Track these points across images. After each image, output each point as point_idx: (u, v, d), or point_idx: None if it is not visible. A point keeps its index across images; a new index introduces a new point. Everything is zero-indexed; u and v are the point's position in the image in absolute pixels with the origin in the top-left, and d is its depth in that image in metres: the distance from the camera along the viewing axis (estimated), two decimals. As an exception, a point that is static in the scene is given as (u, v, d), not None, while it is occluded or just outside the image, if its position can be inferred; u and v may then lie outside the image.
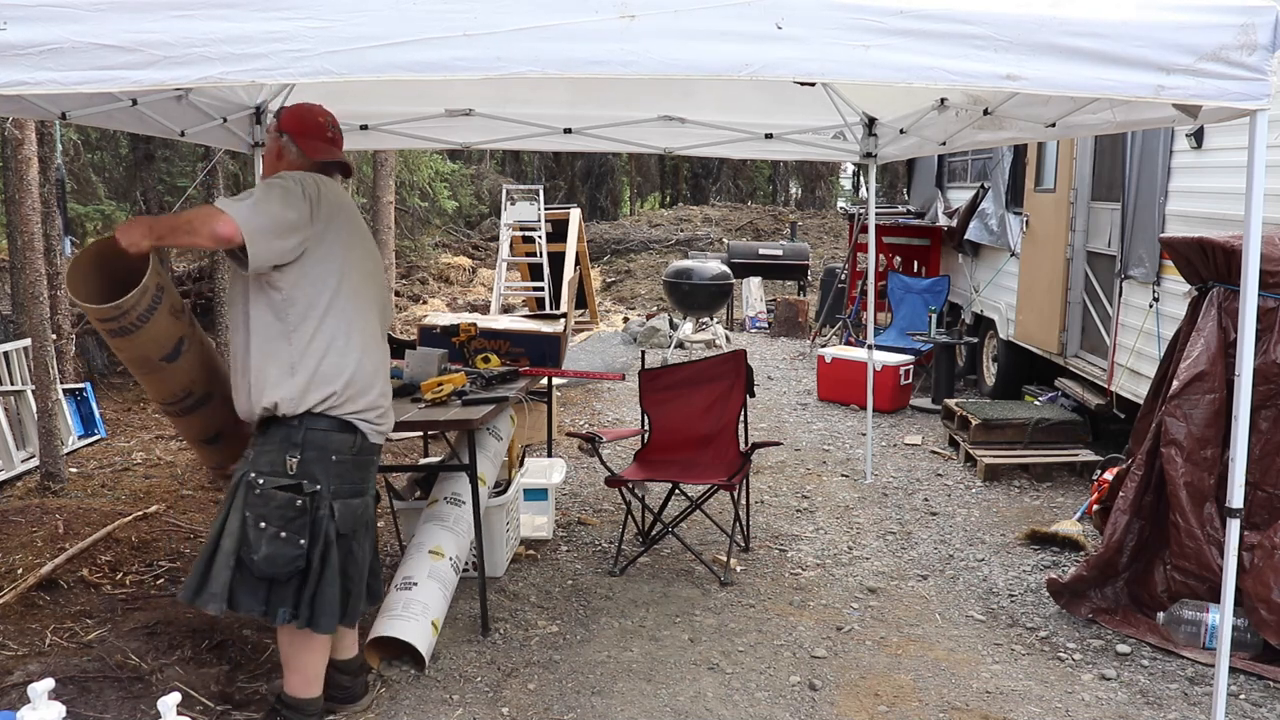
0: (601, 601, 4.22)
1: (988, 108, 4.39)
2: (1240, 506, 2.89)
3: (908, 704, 3.38)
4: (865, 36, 2.46)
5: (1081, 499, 5.54)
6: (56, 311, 7.06)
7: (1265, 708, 3.38)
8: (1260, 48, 2.58)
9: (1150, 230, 5.53)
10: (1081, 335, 6.74)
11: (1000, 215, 8.11)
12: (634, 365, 9.29)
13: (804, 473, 6.27)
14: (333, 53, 2.34)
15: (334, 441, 2.93)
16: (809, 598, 4.29)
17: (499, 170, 23.10)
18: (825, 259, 17.03)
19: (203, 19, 2.30)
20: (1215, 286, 4.00)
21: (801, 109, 5.43)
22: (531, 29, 2.38)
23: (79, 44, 2.28)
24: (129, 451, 6.61)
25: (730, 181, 29.52)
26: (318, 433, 2.89)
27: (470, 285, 16.87)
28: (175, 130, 4.74)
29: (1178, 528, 3.88)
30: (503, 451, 4.54)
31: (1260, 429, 3.76)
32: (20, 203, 5.62)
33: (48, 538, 4.67)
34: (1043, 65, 2.55)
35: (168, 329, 2.94)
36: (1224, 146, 4.87)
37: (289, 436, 2.88)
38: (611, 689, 3.45)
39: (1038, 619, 4.07)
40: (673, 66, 2.44)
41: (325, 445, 2.91)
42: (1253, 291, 2.79)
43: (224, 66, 2.33)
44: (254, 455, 2.91)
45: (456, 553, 3.85)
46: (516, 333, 4.85)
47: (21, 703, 2.38)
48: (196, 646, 3.66)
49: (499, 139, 5.86)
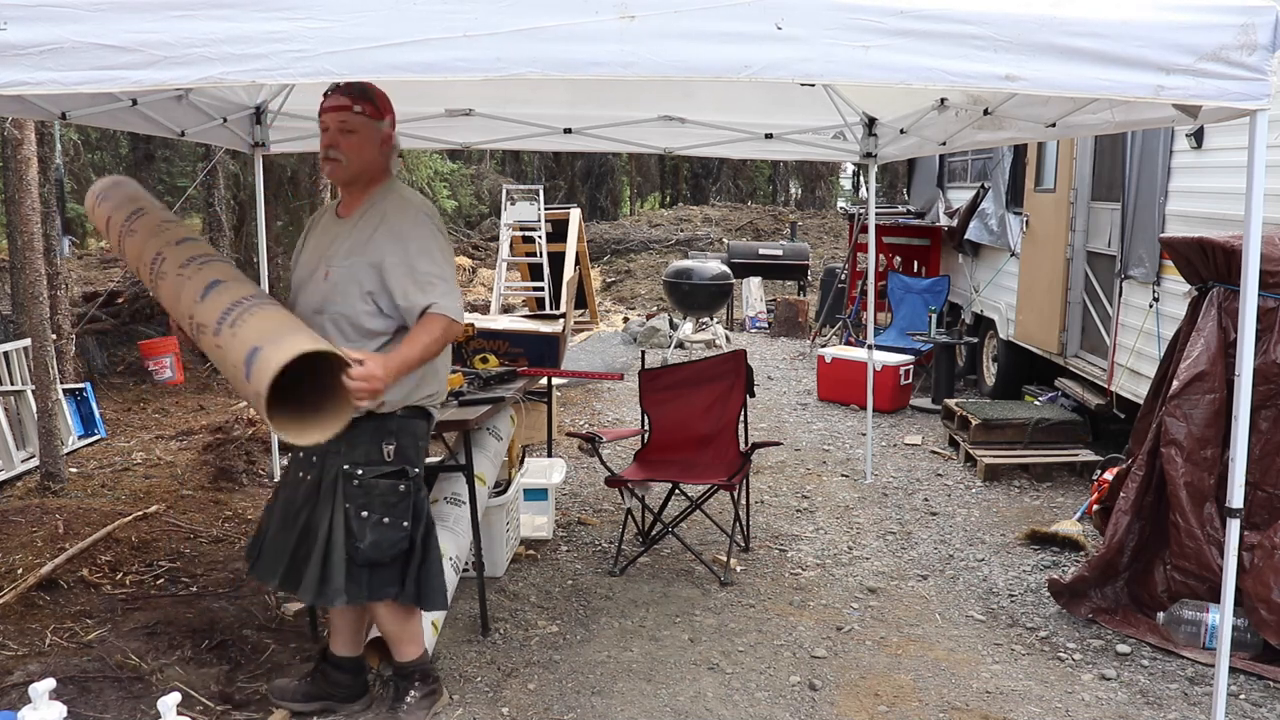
0: (601, 601, 4.22)
1: (988, 108, 4.39)
2: (1240, 506, 2.89)
3: (908, 704, 3.38)
4: (865, 37, 2.46)
5: (1081, 499, 5.54)
6: (56, 311, 7.06)
7: (1265, 708, 3.38)
8: (1260, 48, 2.58)
9: (1150, 230, 5.53)
10: (1081, 335, 6.74)
11: (1000, 215, 8.11)
12: (634, 365, 9.29)
13: (804, 473, 6.27)
14: (333, 53, 2.34)
15: (419, 427, 3.06)
16: (809, 598, 4.29)
17: (499, 170, 23.10)
18: (825, 259, 17.03)
19: (203, 19, 2.30)
20: (1215, 286, 4.00)
21: (801, 109, 5.43)
22: (531, 29, 2.38)
23: (79, 44, 2.28)
24: (129, 451, 6.60)
25: (730, 181, 29.53)
26: (407, 420, 3.00)
27: (470, 285, 16.87)
28: (175, 130, 4.75)
29: (1178, 528, 3.88)
30: (502, 451, 4.54)
31: (1260, 429, 3.76)
32: (20, 203, 5.62)
33: (48, 538, 4.67)
34: (1042, 65, 2.55)
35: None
36: (1224, 146, 4.87)
37: (383, 426, 2.94)
38: (611, 689, 3.45)
39: (1038, 619, 4.07)
40: (673, 67, 2.44)
41: (414, 431, 3.03)
42: (1253, 291, 2.79)
43: (224, 67, 2.33)
44: (344, 449, 2.90)
45: (456, 553, 3.85)
46: (515, 333, 4.85)
47: (22, 703, 2.39)
48: (196, 646, 3.66)
49: (499, 139, 5.86)
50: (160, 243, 2.98)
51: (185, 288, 2.83)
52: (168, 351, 8.99)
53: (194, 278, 2.84)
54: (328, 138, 2.93)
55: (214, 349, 2.72)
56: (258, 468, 6.04)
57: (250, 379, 2.51)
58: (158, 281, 2.93)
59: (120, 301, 10.51)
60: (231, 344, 2.61)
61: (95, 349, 9.06)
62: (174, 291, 2.86)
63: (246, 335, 2.59)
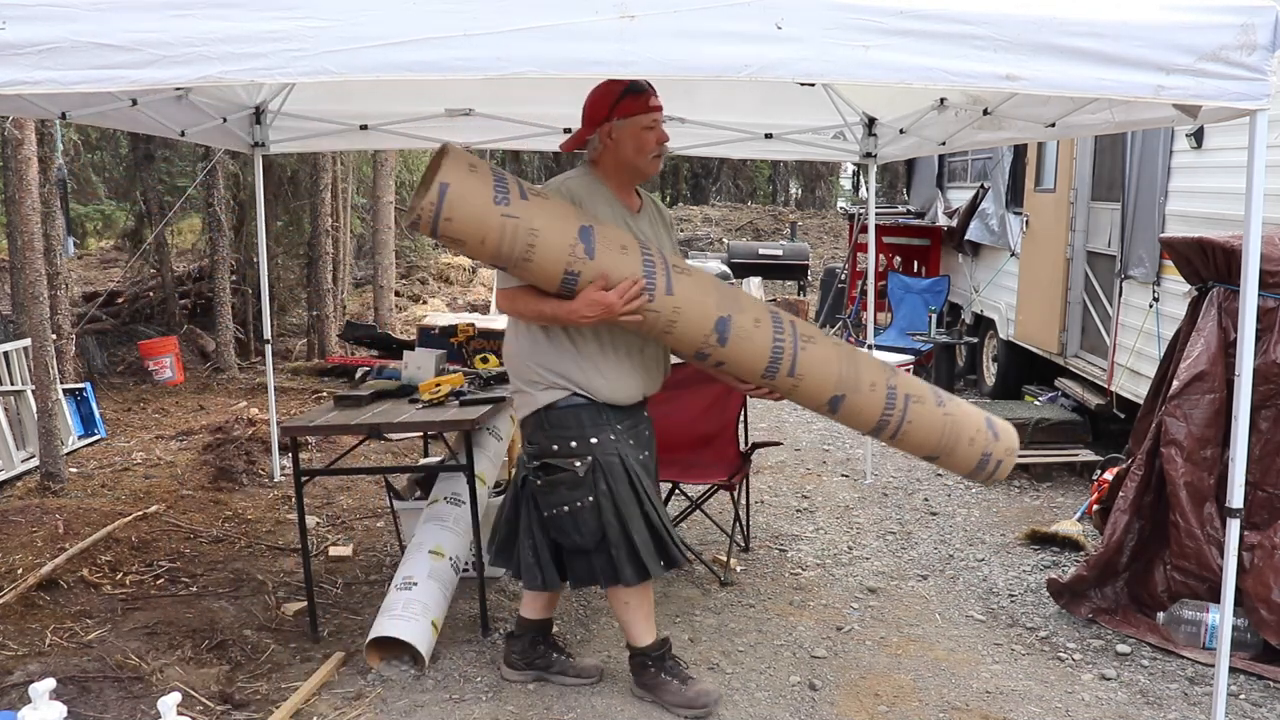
0: (601, 601, 4.22)
1: (987, 108, 4.39)
2: (1240, 506, 2.88)
3: (908, 704, 3.38)
4: (865, 37, 2.46)
5: (1081, 499, 5.54)
6: (56, 311, 7.06)
7: (1265, 708, 3.38)
8: (1260, 48, 2.58)
9: (1150, 230, 5.53)
10: (1081, 335, 6.74)
11: (1000, 215, 8.11)
12: (634, 365, 9.27)
13: (804, 473, 6.27)
14: (332, 52, 2.34)
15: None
16: (809, 598, 4.29)
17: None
18: (825, 259, 17.03)
19: (202, 18, 2.30)
20: (1215, 286, 3.99)
21: (801, 109, 5.42)
22: (531, 29, 2.37)
23: (78, 43, 2.28)
24: (129, 451, 6.60)
25: (730, 181, 29.51)
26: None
27: (470, 285, 16.87)
28: (175, 130, 4.75)
29: (1178, 528, 3.88)
30: (503, 451, 4.54)
31: (1260, 429, 3.76)
32: (20, 203, 5.62)
33: (48, 538, 4.68)
34: (1042, 65, 2.55)
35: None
36: (1224, 146, 4.87)
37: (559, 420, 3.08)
38: (611, 689, 3.45)
39: (1038, 619, 4.07)
40: (672, 66, 2.44)
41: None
42: (1253, 291, 2.79)
43: (223, 66, 2.32)
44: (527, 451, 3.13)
45: (456, 553, 3.85)
46: (516, 333, 4.83)
47: (22, 703, 2.39)
48: (196, 646, 3.66)
49: (499, 139, 5.86)
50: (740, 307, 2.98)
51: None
52: (168, 351, 8.99)
53: (820, 342, 3.05)
54: (658, 134, 3.09)
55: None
56: (258, 468, 6.04)
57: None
58: (807, 346, 2.98)
59: (120, 301, 10.52)
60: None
61: (95, 349, 9.05)
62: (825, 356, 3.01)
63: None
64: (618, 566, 3.07)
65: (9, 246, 8.38)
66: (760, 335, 2.93)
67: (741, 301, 2.97)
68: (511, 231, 2.72)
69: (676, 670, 3.30)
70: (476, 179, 2.71)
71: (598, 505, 3.04)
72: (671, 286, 2.86)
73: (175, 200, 9.93)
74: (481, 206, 2.69)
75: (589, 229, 2.81)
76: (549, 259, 2.77)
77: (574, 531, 3.06)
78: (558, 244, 2.76)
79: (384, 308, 11.05)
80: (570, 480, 3.03)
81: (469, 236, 2.73)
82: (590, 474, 3.04)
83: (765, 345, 2.93)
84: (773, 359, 2.94)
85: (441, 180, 2.66)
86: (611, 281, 2.80)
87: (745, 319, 2.92)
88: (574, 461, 3.03)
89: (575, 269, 2.78)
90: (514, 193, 2.74)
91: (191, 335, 10.06)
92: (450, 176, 2.67)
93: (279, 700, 3.32)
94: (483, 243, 2.74)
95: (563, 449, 3.05)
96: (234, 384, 8.98)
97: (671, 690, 3.25)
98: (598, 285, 2.80)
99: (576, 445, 3.03)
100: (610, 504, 3.05)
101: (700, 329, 2.90)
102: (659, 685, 3.26)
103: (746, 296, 3.07)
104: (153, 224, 10.13)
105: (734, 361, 2.97)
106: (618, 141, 3.06)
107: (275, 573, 4.48)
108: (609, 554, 3.07)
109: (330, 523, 5.24)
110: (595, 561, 3.10)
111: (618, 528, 3.05)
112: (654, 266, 2.85)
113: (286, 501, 5.48)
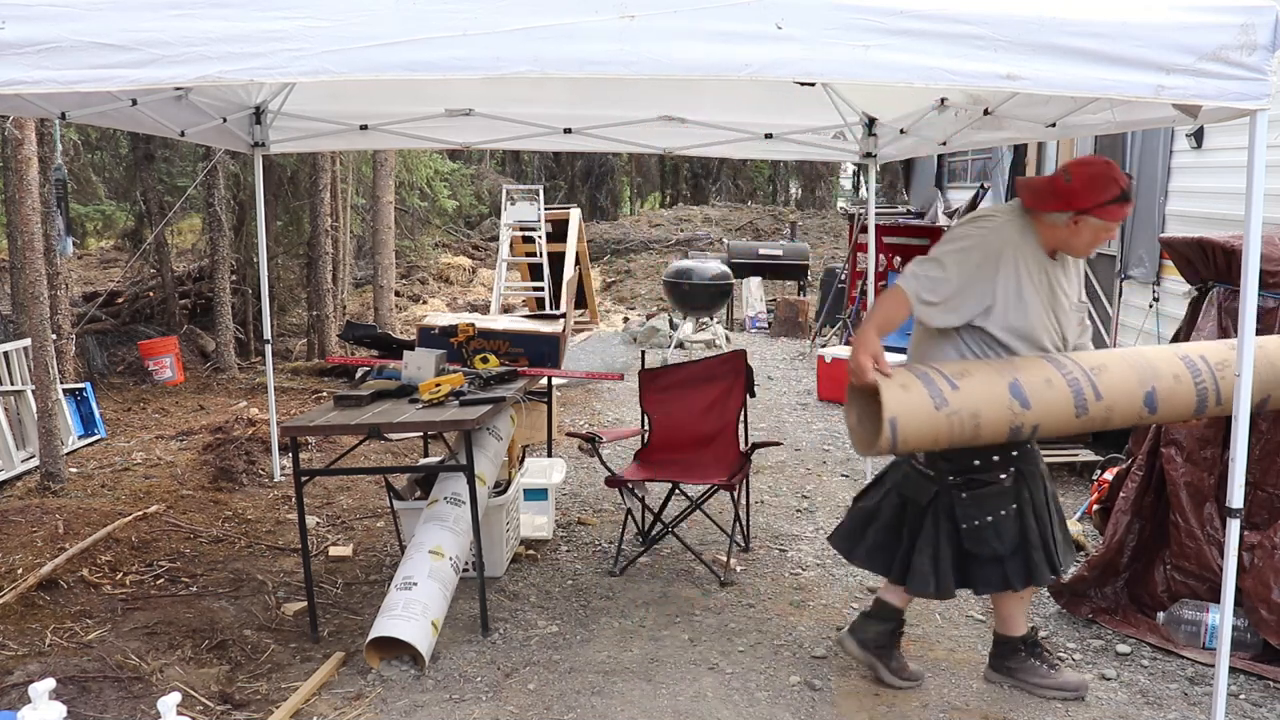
0: (601, 601, 4.22)
1: (988, 108, 4.39)
2: (1240, 506, 2.88)
3: (908, 704, 3.38)
4: (865, 36, 2.46)
5: (1081, 499, 5.53)
6: (56, 311, 7.06)
7: (1265, 708, 3.38)
8: (1260, 48, 2.58)
9: (1150, 230, 5.53)
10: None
11: (1000, 215, 8.09)
12: (634, 365, 9.28)
13: (804, 473, 6.27)
14: (331, 52, 2.34)
15: None
16: (809, 598, 4.29)
17: (499, 170, 23.09)
18: (825, 259, 17.02)
19: (201, 17, 2.30)
20: (1215, 286, 3.99)
21: (801, 109, 5.42)
22: (531, 29, 2.38)
23: (77, 42, 2.29)
24: (129, 451, 6.60)
25: (730, 181, 29.51)
26: None
27: (470, 285, 16.89)
28: (175, 130, 4.75)
29: (1178, 528, 3.88)
30: (502, 451, 4.54)
31: (1260, 429, 3.75)
32: (20, 203, 5.62)
33: (48, 538, 4.68)
34: (1042, 65, 2.55)
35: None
36: (1224, 146, 4.88)
37: None
38: (611, 689, 3.45)
39: (1038, 619, 4.07)
40: (673, 66, 2.44)
41: None
42: (1253, 291, 2.78)
43: (222, 65, 2.33)
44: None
45: (456, 553, 3.85)
46: (515, 333, 4.85)
47: (22, 703, 2.39)
48: (196, 646, 3.66)
49: (499, 139, 5.86)
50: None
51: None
52: (168, 351, 9.00)
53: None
54: (1110, 236, 3.34)
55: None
56: (258, 468, 6.04)
57: None
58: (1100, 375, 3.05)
59: (120, 301, 10.53)
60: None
61: (95, 349, 9.06)
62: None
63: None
64: (1033, 568, 3.22)
65: (9, 246, 8.38)
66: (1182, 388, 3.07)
67: (1159, 368, 3.09)
68: (958, 424, 2.93)
69: (1046, 657, 3.47)
70: (913, 398, 2.90)
71: (1020, 512, 3.20)
72: (1099, 393, 3.00)
73: (175, 200, 9.93)
74: (928, 420, 2.90)
75: (1017, 383, 2.95)
76: (994, 429, 2.97)
77: (994, 540, 3.18)
78: (998, 416, 2.95)
79: (384, 308, 11.06)
80: (997, 491, 3.18)
81: (923, 445, 3.02)
82: (1015, 484, 3.20)
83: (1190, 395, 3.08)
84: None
85: (889, 416, 2.87)
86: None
87: (1163, 384, 3.05)
88: (999, 474, 3.17)
89: (1018, 423, 2.97)
90: (945, 389, 2.92)
91: (191, 335, 10.07)
92: (894, 409, 2.88)
93: (279, 700, 3.32)
94: (935, 442, 2.98)
95: (984, 463, 3.16)
96: (234, 384, 8.98)
97: (1041, 673, 3.43)
98: None
99: (999, 459, 3.16)
100: (1031, 510, 3.21)
101: (1133, 408, 3.07)
102: (1028, 669, 3.44)
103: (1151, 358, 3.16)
104: (153, 224, 10.14)
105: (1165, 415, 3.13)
106: (1079, 229, 3.10)
107: (275, 573, 4.48)
108: (1026, 557, 3.21)
109: (330, 523, 5.24)
110: (1009, 567, 3.22)
111: (1037, 531, 3.21)
112: (1080, 385, 2.99)
113: (286, 501, 5.48)
